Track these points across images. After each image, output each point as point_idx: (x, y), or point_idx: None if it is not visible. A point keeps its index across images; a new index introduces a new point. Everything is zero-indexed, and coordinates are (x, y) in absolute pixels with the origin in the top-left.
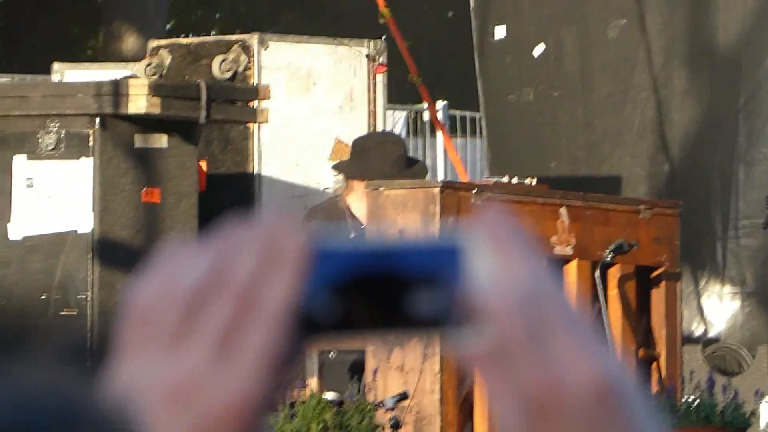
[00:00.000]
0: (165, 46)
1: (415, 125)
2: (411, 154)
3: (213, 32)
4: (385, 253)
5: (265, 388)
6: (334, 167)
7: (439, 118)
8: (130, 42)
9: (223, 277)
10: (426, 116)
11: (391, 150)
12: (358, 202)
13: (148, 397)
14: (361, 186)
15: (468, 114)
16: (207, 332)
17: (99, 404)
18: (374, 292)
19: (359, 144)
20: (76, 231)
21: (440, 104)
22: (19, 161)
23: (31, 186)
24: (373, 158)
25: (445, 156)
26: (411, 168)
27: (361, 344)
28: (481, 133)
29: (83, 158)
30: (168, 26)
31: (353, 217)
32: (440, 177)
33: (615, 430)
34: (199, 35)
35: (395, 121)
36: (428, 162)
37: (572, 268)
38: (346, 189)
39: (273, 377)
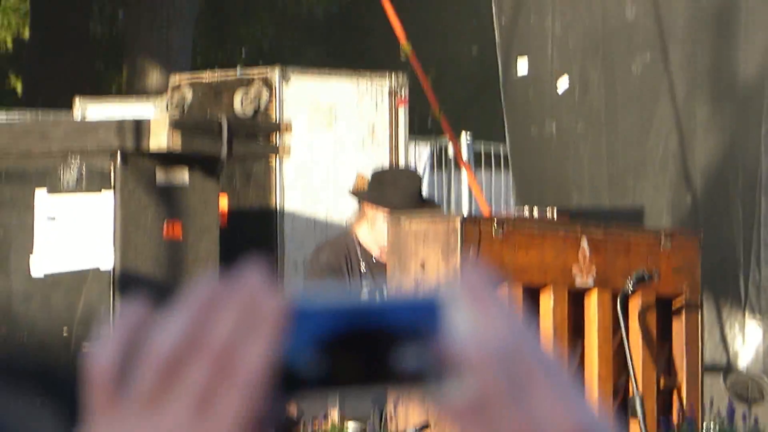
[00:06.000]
0: (186, 82)
1: (439, 159)
2: (436, 187)
3: (238, 67)
4: (367, 310)
5: None
6: (352, 192)
7: (462, 152)
8: (153, 78)
9: (199, 338)
10: (450, 150)
11: (407, 184)
12: (367, 230)
13: None
14: (373, 213)
15: (493, 146)
16: (184, 394)
17: None
18: (356, 349)
19: (376, 175)
20: (98, 268)
21: (464, 137)
22: (41, 196)
23: (53, 221)
24: (387, 189)
25: (470, 189)
26: (423, 203)
27: None
28: (504, 165)
29: (105, 192)
30: (192, 62)
31: (361, 246)
32: (465, 210)
33: None
34: (223, 70)
35: (419, 155)
36: (453, 196)
37: (593, 298)
38: (358, 218)
39: None
